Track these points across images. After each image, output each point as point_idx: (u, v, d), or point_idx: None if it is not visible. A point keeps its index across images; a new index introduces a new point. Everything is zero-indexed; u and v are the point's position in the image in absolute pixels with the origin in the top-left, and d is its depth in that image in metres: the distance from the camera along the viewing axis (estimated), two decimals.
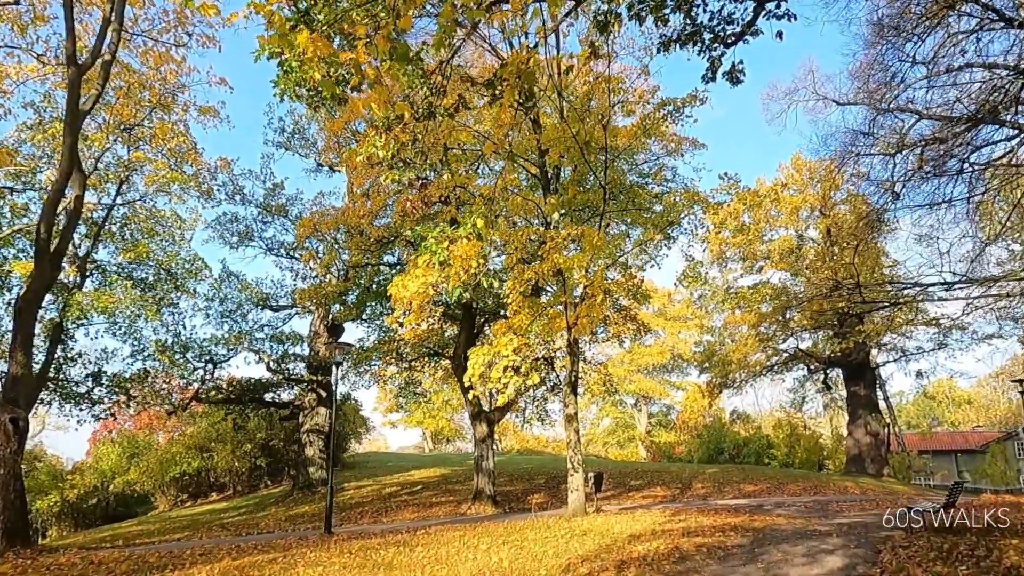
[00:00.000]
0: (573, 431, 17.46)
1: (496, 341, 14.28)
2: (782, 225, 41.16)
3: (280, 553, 12.83)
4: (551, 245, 13.38)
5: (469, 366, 14.31)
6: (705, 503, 22.72)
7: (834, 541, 11.28)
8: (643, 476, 30.81)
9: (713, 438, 51.53)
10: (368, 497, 25.82)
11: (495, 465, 23.62)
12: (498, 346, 14.08)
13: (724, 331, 45.06)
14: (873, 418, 39.35)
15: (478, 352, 14.29)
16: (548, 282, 14.78)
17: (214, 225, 29.61)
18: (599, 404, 71.68)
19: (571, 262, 14.73)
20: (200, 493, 33.29)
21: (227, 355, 27.07)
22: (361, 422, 40.53)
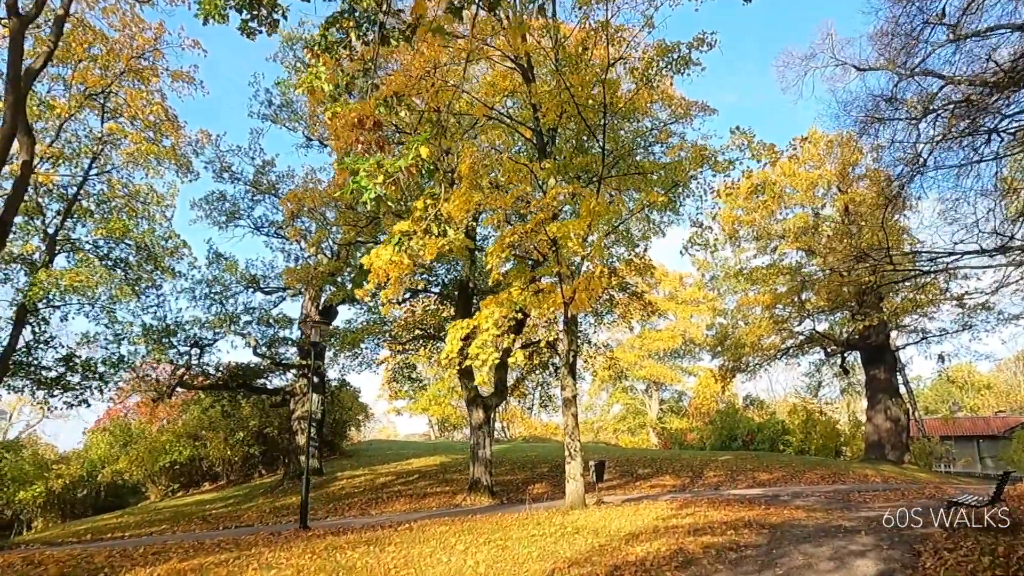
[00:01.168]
0: (571, 415, 15.99)
1: (477, 314, 12.83)
2: (797, 203, 39.36)
3: (237, 553, 11.47)
4: (538, 204, 11.80)
5: (447, 341, 12.86)
6: (717, 493, 21.24)
7: (863, 540, 9.77)
8: (652, 464, 29.34)
9: (726, 424, 49.91)
10: (360, 487, 24.51)
11: (492, 453, 22.21)
12: (478, 319, 12.61)
13: (737, 313, 43.38)
14: (893, 403, 37.60)
15: (456, 326, 12.82)
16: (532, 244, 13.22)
17: (201, 204, 28.29)
18: (609, 390, 70.23)
19: (566, 229, 13.18)
20: (192, 483, 32.13)
21: (212, 339, 25.76)
22: (360, 409, 39.24)
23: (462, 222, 12.68)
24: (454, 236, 11.07)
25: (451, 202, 12.27)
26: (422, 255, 12.32)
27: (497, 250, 12.12)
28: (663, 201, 13.36)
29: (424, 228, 5.96)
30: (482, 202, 11.88)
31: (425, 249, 12.14)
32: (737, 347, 40.77)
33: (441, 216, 5.90)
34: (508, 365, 24.12)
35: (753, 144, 12.78)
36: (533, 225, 11.74)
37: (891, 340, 39.47)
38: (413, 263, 13.41)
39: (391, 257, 12.19)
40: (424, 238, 11.57)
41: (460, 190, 12.17)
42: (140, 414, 39.08)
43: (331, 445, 35.65)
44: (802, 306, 39.19)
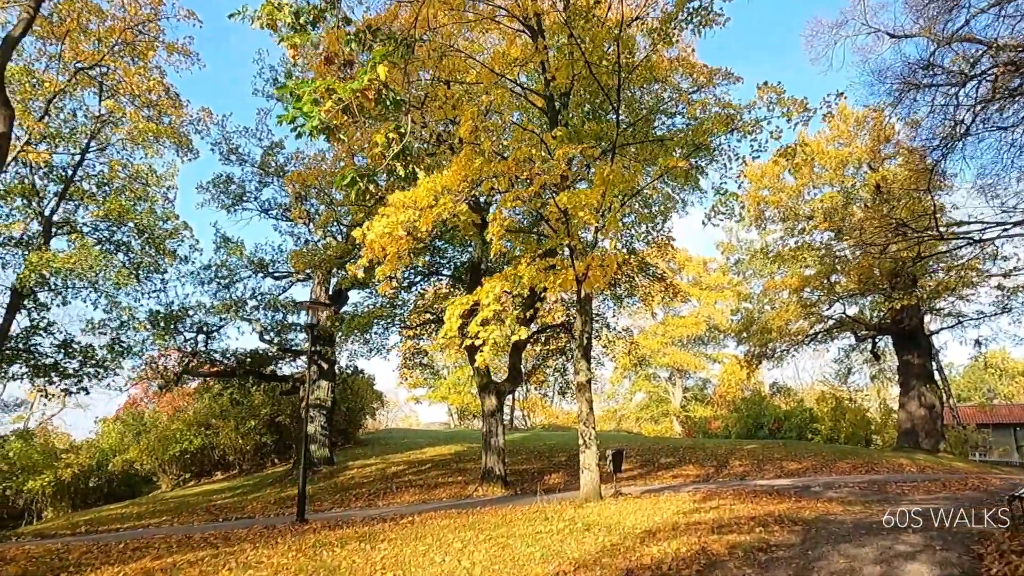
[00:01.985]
0: (585, 401, 14.90)
1: (479, 289, 11.78)
2: (826, 182, 37.77)
3: (218, 549, 10.58)
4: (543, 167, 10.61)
5: (446, 318, 11.82)
6: (743, 484, 20.07)
7: (911, 540, 8.61)
8: (675, 453, 28.18)
9: (752, 412, 48.49)
10: (370, 477, 23.66)
11: (506, 442, 21.20)
12: (478, 294, 11.56)
13: (763, 297, 41.92)
14: (928, 389, 36.00)
15: (456, 303, 11.78)
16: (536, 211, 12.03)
17: (208, 187, 27.52)
18: (631, 378, 68.99)
19: (577, 199, 12.05)
20: (204, 472, 31.55)
21: (218, 325, 25.02)
22: (375, 396, 38.44)
23: (463, 192, 11.62)
24: (445, 202, 10.02)
25: (450, 169, 11.22)
26: (418, 227, 11.30)
27: (498, 217, 11.00)
28: (683, 167, 12.13)
29: (387, 168, 4.95)
30: (483, 168, 10.79)
31: (421, 220, 11.12)
32: (763, 332, 39.39)
33: (410, 155, 4.91)
34: (522, 349, 23.13)
35: (783, 99, 11.53)
36: (537, 188, 10.60)
37: (925, 324, 37.85)
38: (413, 237, 12.42)
39: (384, 229, 11.19)
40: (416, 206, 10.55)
41: (459, 156, 11.12)
42: (158, 403, 38.76)
43: (345, 434, 34.91)
44: (831, 289, 37.69)
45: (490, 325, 11.28)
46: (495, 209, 10.97)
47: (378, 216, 11.31)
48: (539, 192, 10.85)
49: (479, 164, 10.76)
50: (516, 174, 10.60)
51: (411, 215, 11.18)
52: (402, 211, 11.42)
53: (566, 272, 13.55)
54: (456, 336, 11.70)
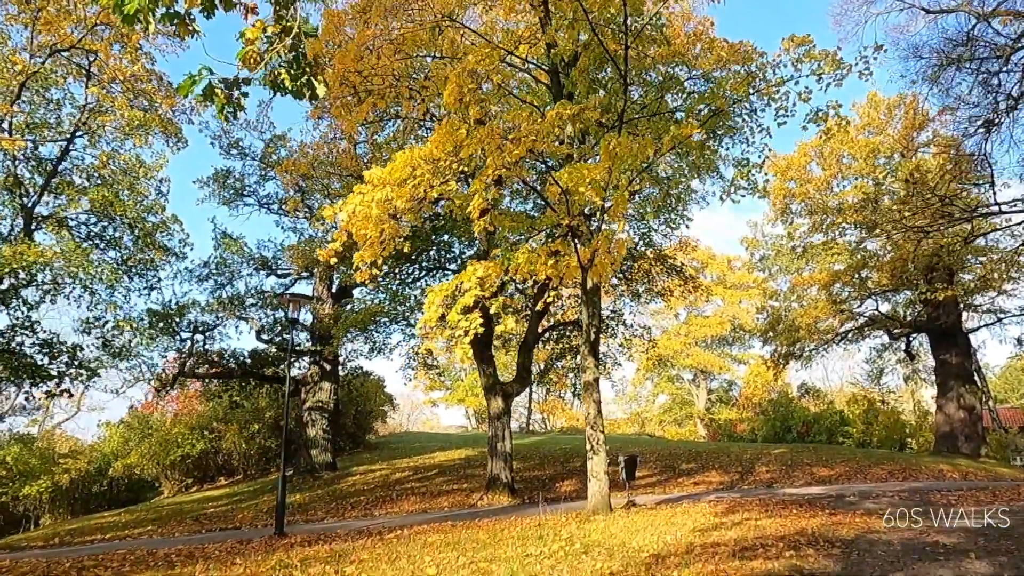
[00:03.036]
0: (592, 402, 13.47)
1: (460, 273, 10.43)
2: (856, 173, 35.94)
3: (173, 570, 9.33)
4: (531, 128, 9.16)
5: (425, 306, 10.47)
6: (770, 492, 18.49)
7: (979, 568, 7.09)
8: (697, 458, 26.58)
9: (779, 415, 46.54)
10: (372, 484, 22.39)
11: (512, 447, 19.81)
12: (460, 277, 10.20)
13: (791, 295, 40.05)
14: (967, 390, 33.94)
15: (438, 289, 10.41)
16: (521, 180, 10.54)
17: (208, 182, 26.54)
18: (654, 380, 67.22)
19: (579, 175, 10.64)
20: (207, 477, 30.51)
21: (214, 324, 23.97)
22: (385, 399, 37.25)
23: (449, 167, 10.26)
24: (422, 175, 8.66)
25: (431, 140, 9.87)
26: (396, 206, 9.97)
27: (479, 187, 9.58)
28: (698, 139, 10.64)
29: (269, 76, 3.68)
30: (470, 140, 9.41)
31: (396, 197, 9.78)
32: (790, 331, 37.55)
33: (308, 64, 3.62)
34: (531, 348, 21.74)
35: (812, 52, 10.00)
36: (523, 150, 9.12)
37: (962, 322, 35.82)
38: (397, 220, 11.10)
39: (357, 207, 9.87)
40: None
41: (442, 124, 9.77)
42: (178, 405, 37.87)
43: (354, 438, 33.75)
44: (863, 284, 35.79)
45: (472, 313, 9.93)
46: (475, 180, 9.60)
47: (352, 194, 10.01)
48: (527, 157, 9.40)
49: (463, 133, 9.40)
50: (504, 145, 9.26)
51: (387, 193, 9.85)
52: (379, 188, 10.10)
53: (569, 258, 12.15)
54: (438, 326, 10.30)
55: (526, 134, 9.01)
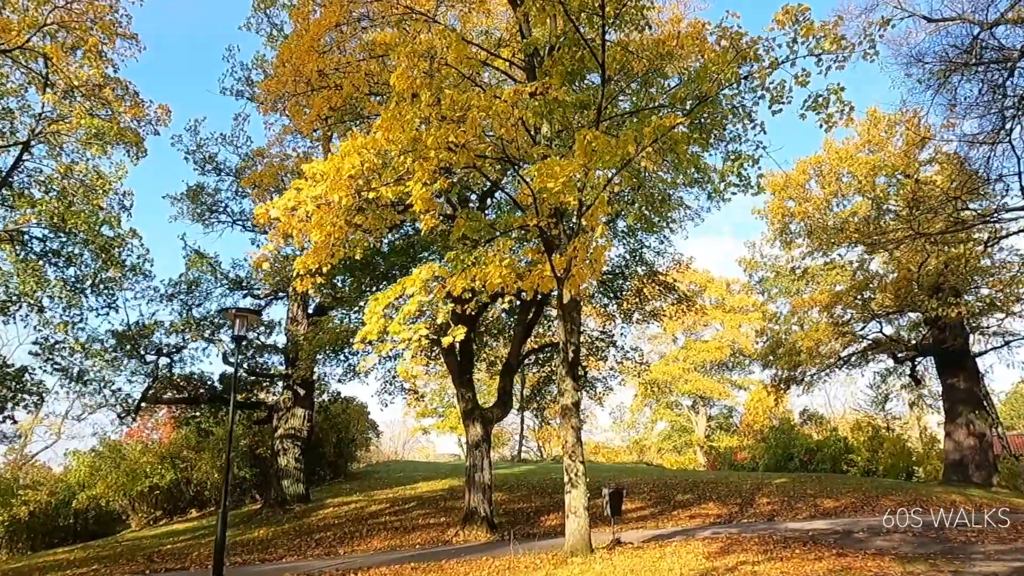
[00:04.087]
0: (571, 428, 12.14)
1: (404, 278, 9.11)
2: (856, 191, 34.82)
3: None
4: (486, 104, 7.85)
5: (366, 316, 9.13)
6: (770, 526, 17.02)
7: None
8: (694, 488, 25.05)
9: (781, 442, 44.83)
10: (344, 517, 20.86)
11: (493, 478, 18.34)
12: (403, 282, 8.89)
13: (791, 317, 38.70)
14: (977, 416, 32.49)
15: (380, 297, 9.07)
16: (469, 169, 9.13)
17: (182, 198, 25.38)
18: (652, 406, 65.56)
19: (550, 170, 9.41)
20: (178, 509, 28.89)
21: (179, 346, 22.65)
22: (369, 426, 35.69)
23: (403, 163, 9.00)
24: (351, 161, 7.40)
25: (379, 126, 8.63)
26: (335, 201, 8.70)
27: (421, 173, 8.19)
28: (683, 131, 9.38)
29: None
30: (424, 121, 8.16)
31: (333, 191, 8.51)
32: (791, 355, 36.16)
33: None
34: (514, 371, 20.37)
35: (811, 26, 8.73)
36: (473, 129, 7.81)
37: (970, 344, 34.43)
38: (343, 218, 9.82)
39: (289, 204, 8.61)
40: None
41: (389, 109, 8.54)
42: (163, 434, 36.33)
43: (335, 467, 32.18)
44: (866, 306, 34.49)
45: (417, 323, 8.64)
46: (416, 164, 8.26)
47: (289, 190, 8.77)
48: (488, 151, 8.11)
49: (412, 120, 8.15)
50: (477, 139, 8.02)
51: (327, 189, 8.61)
52: (319, 184, 8.85)
53: (543, 267, 10.87)
54: (376, 336, 8.95)
55: (476, 112, 7.74)
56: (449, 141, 7.78)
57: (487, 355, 26.45)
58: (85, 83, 18.34)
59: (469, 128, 7.75)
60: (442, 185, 8.42)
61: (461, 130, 7.76)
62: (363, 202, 10.62)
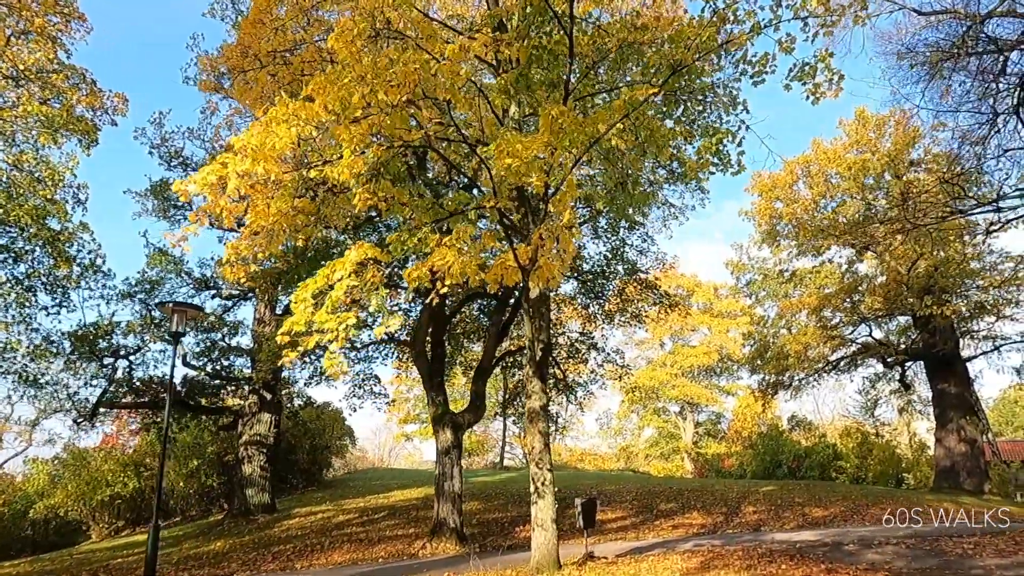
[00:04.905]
0: (538, 433, 11.14)
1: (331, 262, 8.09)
2: (845, 191, 34.15)
3: None
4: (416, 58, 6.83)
5: (292, 305, 8.10)
6: (756, 537, 16.10)
7: None
8: (678, 497, 24.13)
9: (769, 449, 43.96)
10: (309, 528, 19.76)
11: (462, 486, 17.32)
12: (333, 265, 7.89)
13: (778, 320, 37.92)
14: (968, 422, 31.78)
15: (309, 283, 8.02)
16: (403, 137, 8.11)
17: (147, 194, 24.30)
18: (639, 412, 64.62)
19: (510, 147, 8.47)
20: (141, 519, 27.63)
21: (136, 347, 21.55)
22: (344, 432, 34.53)
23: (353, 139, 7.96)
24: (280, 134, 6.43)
25: (313, 90, 7.63)
26: (263, 175, 7.71)
27: (348, 136, 7.11)
28: (653, 94, 8.45)
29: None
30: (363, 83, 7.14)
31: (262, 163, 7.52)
32: (779, 359, 35.37)
33: None
34: (486, 374, 19.39)
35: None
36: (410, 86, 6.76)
37: (960, 349, 33.71)
38: (288, 202, 8.83)
39: (209, 179, 7.61)
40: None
41: (325, 74, 7.54)
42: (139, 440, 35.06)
43: (308, 475, 31.02)
44: (854, 308, 33.73)
45: (346, 312, 7.64)
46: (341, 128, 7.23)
47: (212, 164, 7.78)
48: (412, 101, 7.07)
49: (348, 81, 7.16)
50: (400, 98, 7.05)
51: (252, 164, 7.61)
52: (248, 158, 7.86)
53: (505, 257, 9.91)
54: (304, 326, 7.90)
55: (412, 70, 6.73)
56: (381, 101, 6.79)
57: (464, 358, 25.39)
58: (32, 68, 17.26)
59: (403, 82, 6.75)
60: (377, 154, 7.44)
61: (393, 85, 6.74)
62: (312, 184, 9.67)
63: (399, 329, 21.11)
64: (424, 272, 9.02)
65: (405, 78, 6.62)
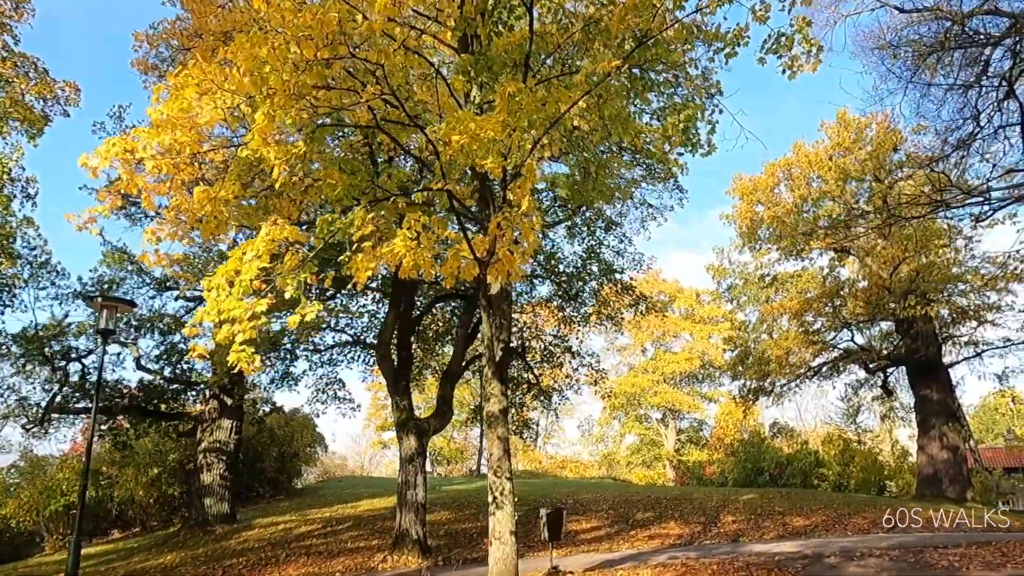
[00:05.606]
0: (497, 439, 10.36)
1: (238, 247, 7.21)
2: (828, 195, 33.70)
3: None
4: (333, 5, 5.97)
5: (205, 294, 7.19)
6: (734, 549, 15.36)
7: None
8: (656, 506, 23.37)
9: (750, 456, 43.35)
10: (268, 540, 18.80)
11: (426, 496, 16.45)
12: (244, 247, 7.02)
13: (760, 325, 37.39)
14: (950, 428, 31.29)
15: (220, 271, 7.04)
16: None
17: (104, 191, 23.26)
18: (621, 419, 63.94)
19: (462, 126, 7.70)
20: (99, 530, 26.55)
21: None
22: (315, 439, 33.51)
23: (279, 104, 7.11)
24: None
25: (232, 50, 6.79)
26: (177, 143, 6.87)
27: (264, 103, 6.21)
28: (616, 67, 7.69)
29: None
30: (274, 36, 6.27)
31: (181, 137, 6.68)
32: (760, 364, 34.82)
33: None
34: (454, 378, 18.57)
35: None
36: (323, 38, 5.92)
37: (942, 354, 33.30)
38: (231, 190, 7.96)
39: (112, 151, 6.76)
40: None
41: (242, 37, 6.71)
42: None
43: (275, 483, 29.99)
44: (836, 313, 33.25)
45: (259, 300, 6.77)
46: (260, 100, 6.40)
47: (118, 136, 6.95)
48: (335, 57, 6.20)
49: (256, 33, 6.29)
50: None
51: (171, 136, 6.77)
52: (165, 131, 7.02)
53: (459, 247, 9.14)
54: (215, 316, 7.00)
55: (331, 19, 5.88)
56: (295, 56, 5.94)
57: (438, 362, 24.58)
58: None
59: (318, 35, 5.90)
60: (296, 120, 6.60)
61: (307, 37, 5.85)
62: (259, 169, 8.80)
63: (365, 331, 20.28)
64: (373, 263, 8.20)
65: (322, 29, 5.84)
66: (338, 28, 5.98)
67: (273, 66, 5.95)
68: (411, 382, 19.73)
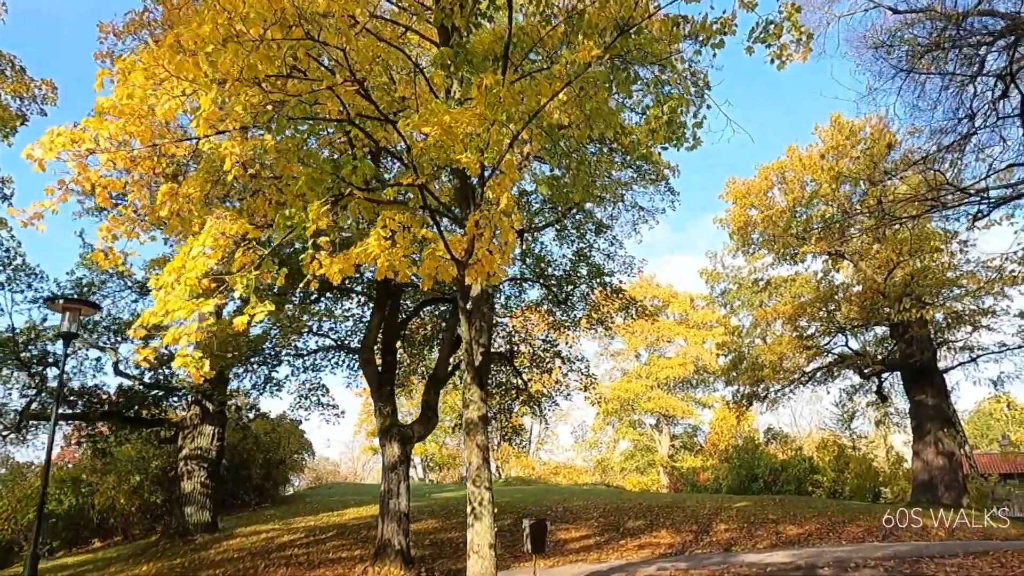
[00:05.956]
0: (476, 447, 9.89)
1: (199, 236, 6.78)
2: (821, 198, 33.39)
3: None
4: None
5: (153, 293, 6.76)
6: (725, 559, 14.94)
7: None
8: (647, 514, 22.95)
9: (745, 462, 42.91)
10: (248, 550, 18.30)
11: (409, 505, 15.96)
12: (192, 243, 6.58)
13: (753, 330, 37.04)
14: (946, 434, 30.99)
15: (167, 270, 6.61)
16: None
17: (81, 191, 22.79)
18: (615, 425, 63.46)
19: (436, 118, 7.31)
20: (79, 539, 25.97)
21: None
22: (303, 446, 33.01)
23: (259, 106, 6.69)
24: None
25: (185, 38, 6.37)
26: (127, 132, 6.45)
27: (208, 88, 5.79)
28: (598, 56, 7.33)
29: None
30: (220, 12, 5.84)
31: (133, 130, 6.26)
32: (754, 369, 34.45)
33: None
34: (440, 383, 18.14)
35: None
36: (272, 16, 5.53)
37: (937, 360, 32.98)
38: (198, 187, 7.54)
39: (57, 142, 6.33)
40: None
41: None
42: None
43: (260, 491, 29.46)
44: (831, 318, 32.92)
45: (206, 300, 6.37)
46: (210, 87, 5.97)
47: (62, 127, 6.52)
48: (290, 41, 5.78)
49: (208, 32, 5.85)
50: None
51: (119, 126, 6.35)
52: (116, 121, 6.59)
53: (435, 247, 8.71)
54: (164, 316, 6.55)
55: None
56: (241, 34, 5.52)
57: (426, 367, 24.11)
58: None
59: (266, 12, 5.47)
60: (248, 106, 6.19)
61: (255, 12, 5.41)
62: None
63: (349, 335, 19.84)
64: (340, 264, 7.76)
65: (271, 5, 5.42)
66: (290, 4, 5.55)
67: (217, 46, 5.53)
68: (398, 387, 19.29)
